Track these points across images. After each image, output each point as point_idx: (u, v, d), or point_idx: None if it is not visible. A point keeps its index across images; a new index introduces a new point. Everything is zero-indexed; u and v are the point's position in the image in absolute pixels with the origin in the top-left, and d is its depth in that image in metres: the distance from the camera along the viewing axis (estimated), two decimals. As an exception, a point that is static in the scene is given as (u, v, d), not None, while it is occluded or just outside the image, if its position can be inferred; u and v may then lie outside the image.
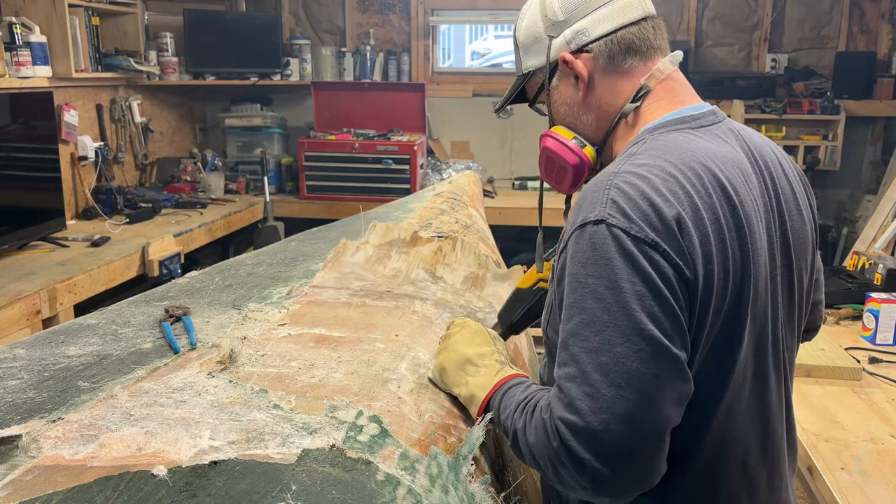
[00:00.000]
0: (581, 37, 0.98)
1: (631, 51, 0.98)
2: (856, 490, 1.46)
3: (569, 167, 1.03)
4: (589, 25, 0.97)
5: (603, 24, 0.97)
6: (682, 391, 0.82)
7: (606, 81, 0.99)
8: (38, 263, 2.89)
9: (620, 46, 0.97)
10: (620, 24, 0.97)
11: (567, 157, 1.03)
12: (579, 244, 0.84)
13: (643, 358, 0.79)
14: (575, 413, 0.80)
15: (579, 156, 1.02)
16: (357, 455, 0.82)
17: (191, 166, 4.46)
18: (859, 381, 1.94)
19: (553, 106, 1.05)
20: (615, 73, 0.98)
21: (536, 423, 0.85)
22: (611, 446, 0.78)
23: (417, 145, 4.28)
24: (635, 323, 0.80)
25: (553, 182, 1.09)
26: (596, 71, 0.99)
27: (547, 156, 1.05)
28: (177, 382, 0.97)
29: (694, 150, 0.90)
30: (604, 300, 0.81)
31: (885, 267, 2.54)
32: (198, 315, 1.25)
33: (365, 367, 1.05)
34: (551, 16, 1.00)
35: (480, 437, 0.96)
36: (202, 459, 0.78)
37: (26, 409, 0.90)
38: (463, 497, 0.86)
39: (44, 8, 3.35)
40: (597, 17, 0.97)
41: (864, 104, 4.29)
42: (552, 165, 1.06)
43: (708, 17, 4.56)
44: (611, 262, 0.81)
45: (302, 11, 4.84)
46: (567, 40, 0.99)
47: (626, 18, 0.97)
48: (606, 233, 0.82)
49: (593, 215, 0.84)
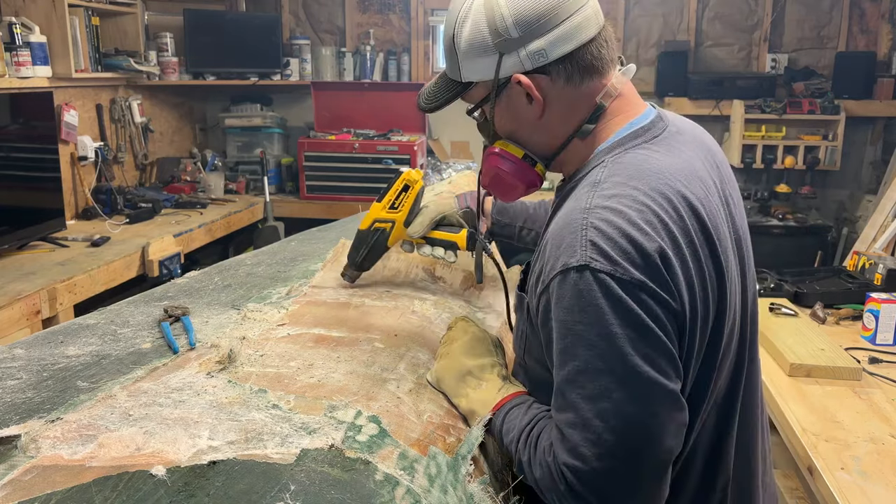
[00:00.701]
0: (538, 58, 0.92)
1: (588, 71, 0.94)
2: (856, 490, 1.45)
3: (520, 186, 1.02)
4: (546, 46, 0.91)
5: (561, 45, 0.92)
6: (679, 421, 0.84)
7: (562, 101, 0.95)
8: (38, 263, 2.89)
9: (578, 67, 0.93)
10: (578, 44, 0.92)
11: (518, 178, 1.00)
12: (563, 290, 0.83)
13: (641, 400, 0.81)
14: (579, 459, 0.81)
15: (530, 176, 1.01)
16: (356, 455, 0.82)
17: (191, 166, 4.47)
18: (859, 382, 1.94)
19: (498, 119, 1.00)
20: (572, 92, 0.95)
21: (541, 461, 0.87)
22: (616, 487, 0.81)
23: (417, 145, 4.28)
24: (630, 367, 0.80)
25: (498, 194, 1.06)
26: (552, 91, 0.95)
27: (495, 173, 1.01)
28: (176, 382, 0.97)
29: (658, 172, 0.89)
30: (596, 347, 0.81)
31: (885, 267, 2.54)
32: (197, 315, 1.25)
33: (364, 367, 1.05)
34: (502, 31, 0.92)
35: (479, 437, 0.96)
36: (201, 459, 0.78)
37: (25, 409, 0.90)
38: (462, 497, 0.86)
39: (44, 8, 3.35)
40: (554, 36, 0.91)
41: (864, 104, 4.29)
42: (500, 183, 1.02)
43: (708, 17, 4.56)
44: (599, 309, 0.81)
45: (302, 11, 4.84)
46: (521, 60, 0.93)
47: (584, 37, 0.92)
48: (591, 279, 0.81)
49: (574, 260, 0.83)
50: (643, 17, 4.64)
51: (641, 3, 4.62)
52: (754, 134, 4.30)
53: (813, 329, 2.26)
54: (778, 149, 4.30)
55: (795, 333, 2.18)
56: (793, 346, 2.07)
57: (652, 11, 4.62)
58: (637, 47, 4.66)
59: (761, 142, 4.29)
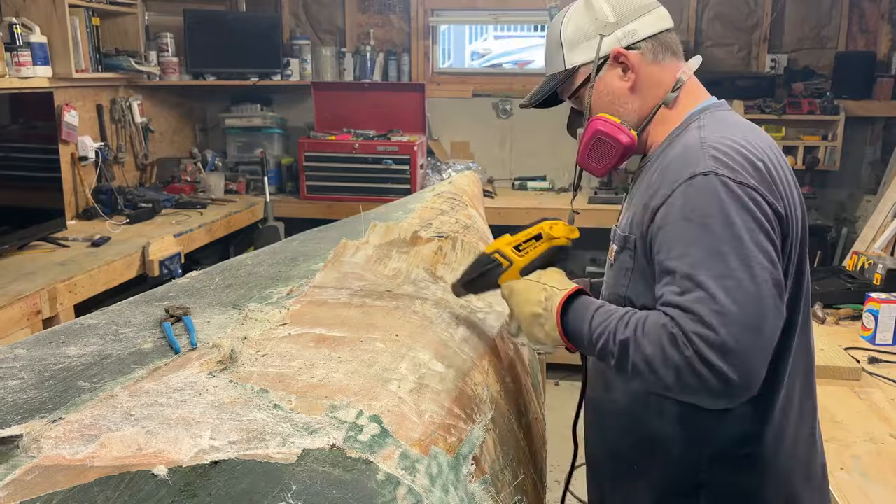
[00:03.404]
0: (631, 36, 1.17)
1: (669, 50, 1.19)
2: (856, 490, 1.46)
3: (619, 146, 1.17)
4: (638, 27, 1.17)
5: (649, 27, 1.17)
6: (782, 310, 1.00)
7: (650, 74, 1.18)
8: (38, 263, 2.89)
9: (662, 46, 1.18)
10: (661, 29, 1.18)
11: (620, 137, 1.16)
12: (689, 192, 1.01)
13: (757, 281, 0.97)
14: (707, 328, 0.95)
15: (629, 136, 1.17)
16: (357, 455, 0.82)
17: (191, 166, 4.46)
18: (859, 381, 1.94)
19: (596, 98, 1.20)
20: (657, 67, 1.18)
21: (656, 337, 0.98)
22: (737, 354, 0.94)
23: (417, 145, 4.28)
24: (749, 252, 0.97)
25: (594, 163, 1.21)
26: (642, 65, 1.17)
27: (597, 137, 1.18)
28: (177, 382, 0.97)
29: (746, 124, 1.14)
30: (721, 235, 0.98)
31: (885, 267, 2.54)
32: (198, 315, 1.25)
33: (365, 367, 1.05)
34: (602, 18, 1.17)
35: (481, 437, 0.96)
36: (203, 459, 0.78)
37: (27, 409, 0.90)
38: (463, 497, 0.87)
39: (44, 8, 3.35)
40: (643, 21, 1.17)
41: (864, 104, 4.29)
42: (600, 145, 1.18)
43: (708, 17, 4.56)
44: (723, 203, 0.98)
45: (302, 12, 4.84)
46: (618, 39, 1.17)
47: (664, 25, 1.19)
48: (717, 181, 1.00)
49: (700, 168, 1.01)
50: (643, 18, 4.64)
51: (641, 3, 4.61)
52: (754, 134, 4.29)
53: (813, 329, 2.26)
54: (778, 149, 4.30)
55: (795, 333, 2.18)
56: (793, 346, 2.07)
57: (652, 11, 4.61)
58: (637, 47, 4.65)
59: (761, 142, 4.28)
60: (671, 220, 1.02)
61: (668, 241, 1.02)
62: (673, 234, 1.01)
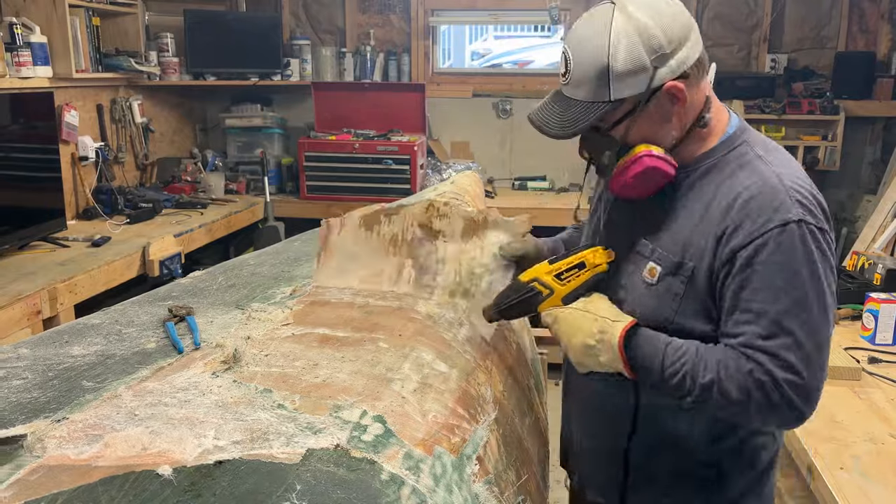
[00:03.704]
0: (683, 65, 1.08)
1: (704, 70, 1.13)
2: (856, 490, 1.46)
3: (668, 178, 1.13)
4: (687, 54, 1.08)
5: (694, 50, 1.09)
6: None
7: (693, 98, 1.12)
8: (38, 263, 2.89)
9: (700, 68, 1.11)
10: (701, 50, 1.11)
11: (669, 171, 1.12)
12: (782, 239, 1.03)
13: (830, 324, 1.06)
14: (796, 374, 1.03)
15: (674, 166, 1.13)
16: (361, 455, 0.82)
17: (191, 166, 4.46)
18: (859, 381, 1.94)
19: (637, 127, 1.11)
20: (697, 89, 1.12)
21: (743, 383, 1.04)
22: (816, 396, 1.05)
23: (417, 145, 4.28)
24: (827, 299, 1.05)
25: (636, 193, 1.15)
26: (689, 91, 1.10)
27: (649, 173, 1.11)
28: (181, 382, 0.97)
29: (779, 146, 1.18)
30: (809, 285, 1.03)
31: (885, 267, 2.55)
32: (201, 315, 1.25)
33: (369, 367, 1.05)
34: (657, 48, 1.06)
35: (484, 436, 0.96)
36: (207, 459, 0.78)
37: (31, 409, 0.90)
38: (467, 497, 0.87)
39: (44, 8, 3.34)
40: (690, 45, 1.08)
41: (864, 104, 4.30)
42: (649, 180, 1.12)
43: (708, 17, 4.56)
44: (812, 255, 1.04)
45: (302, 12, 4.84)
46: (672, 70, 1.07)
47: (701, 44, 1.11)
48: (806, 230, 1.04)
49: (793, 216, 1.04)
50: (643, 18, 4.64)
51: (641, 3, 4.61)
52: (754, 134, 4.30)
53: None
54: (777, 149, 4.30)
55: (796, 333, 2.18)
56: (793, 346, 2.07)
57: (652, 12, 4.62)
58: (637, 47, 4.65)
59: (761, 142, 4.29)
60: (761, 262, 1.04)
61: (755, 282, 1.04)
62: (763, 277, 1.04)
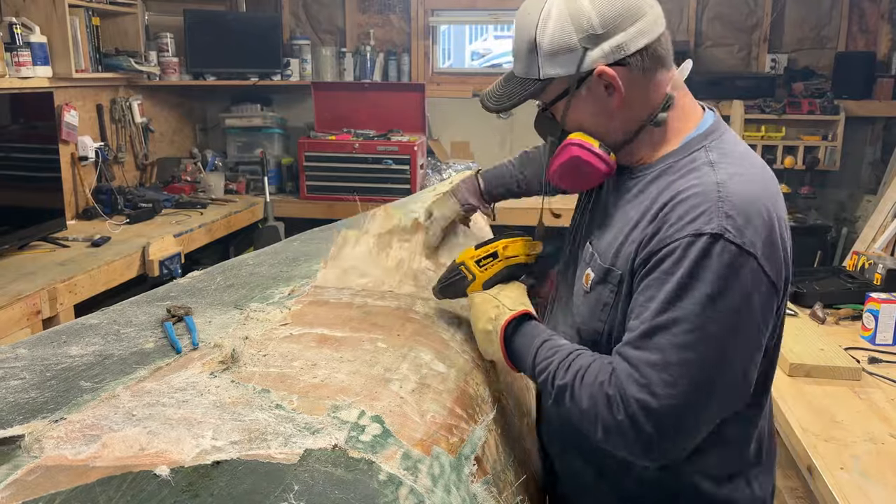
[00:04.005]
0: (619, 51, 1.00)
1: (660, 63, 1.03)
2: (856, 490, 1.46)
3: (597, 175, 1.06)
4: (627, 40, 1.00)
5: (639, 39, 1.00)
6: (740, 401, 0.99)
7: (638, 92, 1.03)
8: (38, 263, 2.89)
9: (652, 60, 1.02)
10: (653, 38, 1.01)
11: (598, 166, 1.05)
12: (690, 251, 0.92)
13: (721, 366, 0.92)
14: (651, 395, 0.91)
15: (609, 165, 1.06)
16: (359, 455, 0.82)
17: (191, 166, 4.46)
18: (859, 381, 1.94)
19: (572, 113, 1.06)
20: (646, 83, 1.03)
21: (594, 392, 0.97)
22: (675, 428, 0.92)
23: (417, 145, 4.28)
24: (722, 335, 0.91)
25: (566, 184, 1.11)
26: (629, 82, 1.01)
27: (574, 164, 1.06)
28: (179, 382, 0.97)
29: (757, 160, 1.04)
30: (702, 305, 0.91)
31: (885, 267, 2.55)
32: (200, 315, 1.25)
33: (367, 368, 1.05)
34: (588, 28, 0.99)
35: (483, 437, 0.96)
36: (205, 459, 0.78)
37: (29, 409, 0.90)
38: (465, 497, 0.87)
39: (44, 8, 3.35)
40: (633, 31, 1.00)
41: (864, 104, 4.29)
42: (576, 172, 1.07)
43: (708, 17, 4.56)
44: (717, 273, 0.91)
45: (302, 11, 4.84)
46: (605, 53, 1.00)
47: (656, 32, 1.02)
48: (722, 247, 0.91)
49: (710, 228, 0.92)
50: (643, 18, 4.64)
51: (641, 3, 4.61)
52: (754, 134, 4.30)
53: (812, 329, 2.26)
54: (777, 149, 4.30)
55: (795, 333, 2.18)
56: (792, 346, 2.07)
57: (652, 12, 4.61)
58: (637, 47, 4.65)
59: (761, 142, 4.29)
60: (663, 271, 0.94)
61: (651, 290, 0.95)
62: (656, 286, 0.94)
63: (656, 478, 1.06)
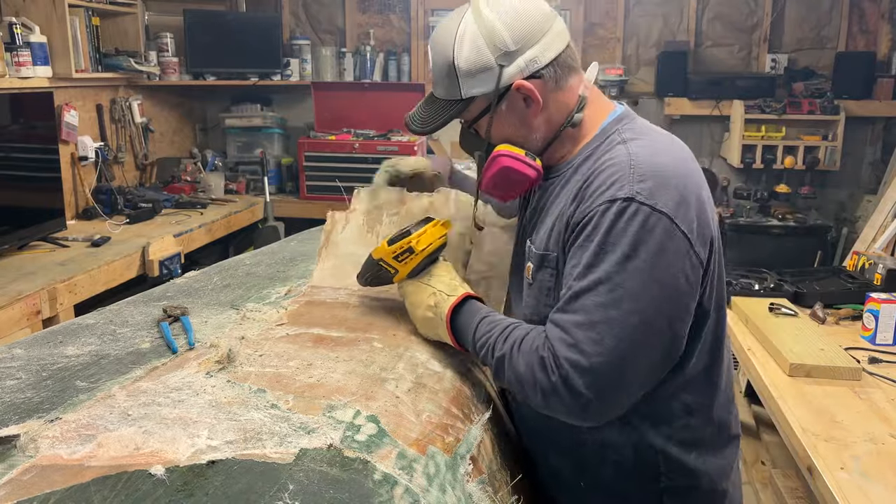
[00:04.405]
0: (533, 64, 1.07)
1: (570, 70, 1.10)
2: (856, 490, 1.45)
3: (527, 181, 1.12)
4: (538, 54, 1.06)
5: (549, 51, 1.07)
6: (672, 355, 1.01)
7: (554, 99, 1.10)
8: (38, 263, 2.89)
9: (563, 68, 1.09)
10: (560, 50, 1.08)
11: (528, 173, 1.11)
12: (606, 217, 0.97)
13: (645, 321, 0.95)
14: (580, 354, 0.95)
15: (537, 170, 1.11)
16: (355, 454, 0.82)
17: (191, 166, 4.47)
18: (859, 381, 1.94)
19: (496, 127, 1.11)
20: (560, 91, 1.10)
21: (527, 358, 1.00)
22: (609, 385, 0.95)
23: (417, 145, 4.28)
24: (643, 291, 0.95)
25: (499, 193, 1.16)
26: (546, 92, 1.08)
27: (504, 174, 1.11)
28: (175, 382, 0.97)
29: (665, 133, 1.11)
30: (620, 265, 0.95)
31: (885, 267, 2.54)
32: (196, 315, 1.25)
33: (363, 367, 1.05)
34: (501, 46, 1.05)
35: (478, 436, 0.96)
36: (200, 459, 0.78)
37: (24, 409, 0.90)
38: (460, 496, 0.86)
39: (44, 8, 3.35)
40: (543, 45, 1.07)
41: (864, 104, 4.29)
42: (507, 181, 1.12)
43: (708, 17, 4.56)
44: (634, 235, 0.95)
45: (302, 11, 4.84)
46: (520, 68, 1.06)
47: (563, 43, 1.09)
48: (636, 209, 0.96)
49: (623, 193, 0.97)
50: (643, 18, 4.64)
51: (641, 3, 4.62)
52: (754, 134, 4.30)
53: (813, 329, 2.26)
54: (778, 149, 4.30)
55: (795, 333, 2.18)
56: (793, 346, 2.07)
57: (652, 11, 4.62)
58: (637, 47, 4.66)
59: (761, 142, 4.29)
60: (584, 237, 1.00)
61: (575, 258, 1.00)
62: (581, 252, 0.99)
63: (632, 464, 1.10)
